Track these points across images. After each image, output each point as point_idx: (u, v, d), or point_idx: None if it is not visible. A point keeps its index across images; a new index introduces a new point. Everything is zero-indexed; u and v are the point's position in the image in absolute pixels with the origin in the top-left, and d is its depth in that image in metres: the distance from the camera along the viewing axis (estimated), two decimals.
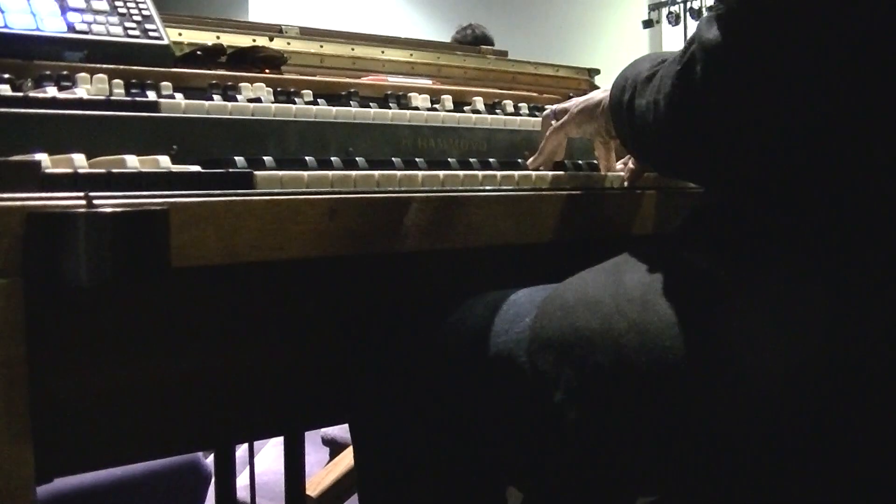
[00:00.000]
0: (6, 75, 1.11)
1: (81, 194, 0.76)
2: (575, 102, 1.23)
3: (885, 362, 0.77)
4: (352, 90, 1.39)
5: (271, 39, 1.61)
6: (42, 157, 0.83)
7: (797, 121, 0.81)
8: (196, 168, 0.91)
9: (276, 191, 0.88)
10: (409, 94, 1.45)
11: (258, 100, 1.22)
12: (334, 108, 1.22)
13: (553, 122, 1.25)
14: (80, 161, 0.85)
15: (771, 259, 0.85)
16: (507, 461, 1.00)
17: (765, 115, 0.81)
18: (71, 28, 1.23)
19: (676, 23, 7.97)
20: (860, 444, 0.79)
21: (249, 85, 1.29)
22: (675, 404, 0.84)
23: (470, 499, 1.03)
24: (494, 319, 0.98)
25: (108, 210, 0.74)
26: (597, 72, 2.13)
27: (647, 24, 8.22)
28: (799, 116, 0.80)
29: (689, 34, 0.89)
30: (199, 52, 1.43)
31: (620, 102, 1.03)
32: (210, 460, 1.96)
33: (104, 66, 1.19)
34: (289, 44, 1.63)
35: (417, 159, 1.10)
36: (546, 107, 1.61)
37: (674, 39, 8.11)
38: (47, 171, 0.79)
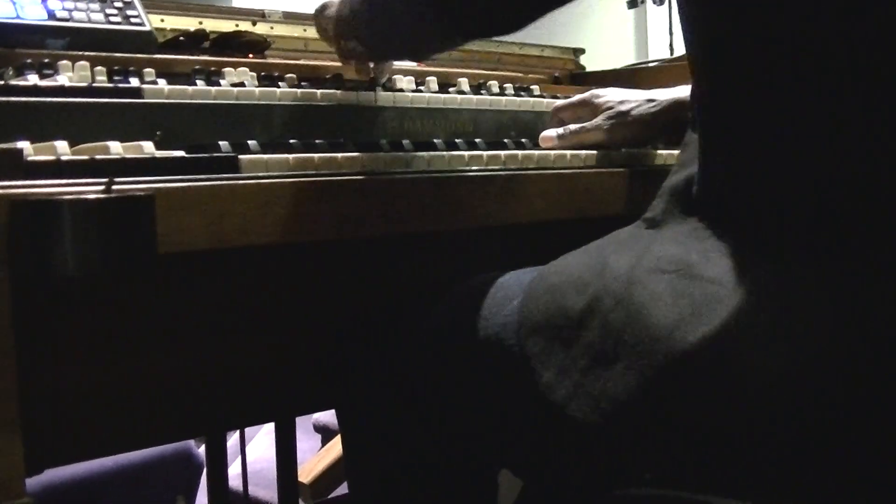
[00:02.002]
0: None
1: (68, 181, 0.76)
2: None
3: (887, 362, 0.77)
4: (336, 73, 1.38)
5: (254, 24, 1.60)
6: (24, 145, 0.82)
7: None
8: (180, 153, 0.90)
9: (261, 174, 0.88)
10: (394, 76, 1.44)
11: (242, 84, 1.22)
12: (319, 92, 1.22)
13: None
14: (62, 148, 0.84)
15: (768, 249, 0.84)
16: (499, 447, 0.99)
17: None
18: (52, 16, 1.22)
19: (661, 2, 7.94)
20: (860, 442, 0.78)
21: (233, 70, 1.28)
22: (662, 380, 0.83)
23: (461, 484, 1.03)
24: (482, 303, 0.98)
25: (93, 197, 0.74)
26: (582, 51, 2.13)
27: (632, 3, 8.19)
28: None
29: (675, 14, 0.89)
30: (181, 38, 1.42)
31: None
32: (203, 450, 1.95)
33: (86, 53, 1.18)
34: (272, 28, 1.63)
35: (403, 141, 1.10)
36: (532, 87, 1.60)
37: (659, 19, 8.10)
38: (30, 158, 0.78)
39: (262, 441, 2.61)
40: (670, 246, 0.89)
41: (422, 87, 1.43)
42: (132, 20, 1.29)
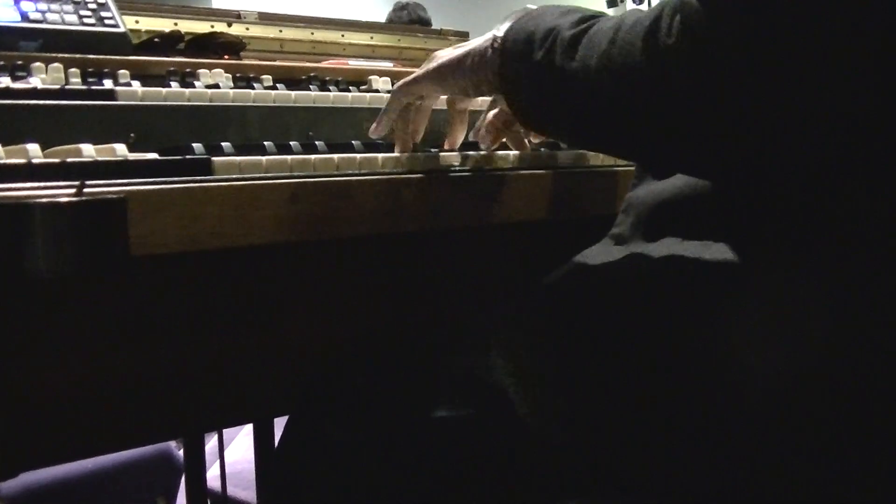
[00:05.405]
0: None
1: (40, 184, 0.76)
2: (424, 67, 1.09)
3: (886, 361, 0.77)
4: (312, 74, 1.38)
5: (230, 25, 1.60)
6: None
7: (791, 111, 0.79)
8: (153, 156, 0.90)
9: (234, 177, 0.88)
10: (370, 78, 1.44)
11: (216, 86, 1.21)
12: (293, 93, 1.22)
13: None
14: (34, 151, 0.84)
15: (766, 251, 0.84)
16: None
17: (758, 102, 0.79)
18: (25, 17, 1.22)
19: (640, 2, 7.98)
20: (858, 442, 0.78)
21: (208, 71, 1.28)
22: (659, 383, 0.84)
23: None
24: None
25: (65, 200, 0.73)
26: None
27: (612, 2, 8.23)
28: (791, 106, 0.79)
29: None
30: (156, 40, 1.42)
31: (527, 58, 0.91)
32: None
33: (60, 55, 1.18)
34: (248, 29, 1.63)
35: (379, 142, 1.10)
36: None
37: None
38: (1, 161, 0.78)
39: (242, 443, 2.61)
40: (656, 253, 0.89)
41: None
42: (106, 21, 1.28)
